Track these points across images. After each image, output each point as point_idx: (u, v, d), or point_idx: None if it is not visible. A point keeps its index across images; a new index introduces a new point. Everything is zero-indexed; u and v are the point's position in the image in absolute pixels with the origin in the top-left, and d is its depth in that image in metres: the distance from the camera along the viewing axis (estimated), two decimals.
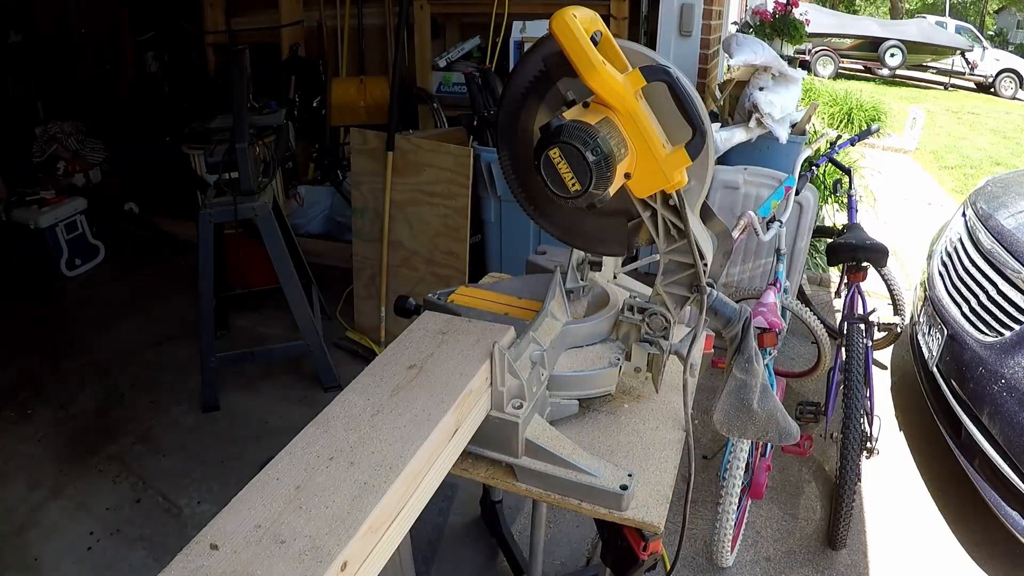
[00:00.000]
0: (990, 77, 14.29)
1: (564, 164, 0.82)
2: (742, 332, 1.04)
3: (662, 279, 1.04)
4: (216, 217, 2.57)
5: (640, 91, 0.88)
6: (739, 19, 5.22)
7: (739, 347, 1.04)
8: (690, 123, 0.87)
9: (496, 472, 1.01)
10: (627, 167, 0.89)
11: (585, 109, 0.87)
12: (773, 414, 1.07)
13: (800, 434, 1.15)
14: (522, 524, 2.16)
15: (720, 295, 1.05)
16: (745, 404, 1.05)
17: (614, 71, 0.85)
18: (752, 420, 1.06)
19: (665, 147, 0.89)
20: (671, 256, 1.01)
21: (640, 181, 0.90)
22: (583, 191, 0.83)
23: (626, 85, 0.85)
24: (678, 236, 0.98)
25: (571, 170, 0.82)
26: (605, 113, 0.86)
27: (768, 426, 1.06)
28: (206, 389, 2.73)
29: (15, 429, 2.60)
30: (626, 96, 0.85)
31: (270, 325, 3.34)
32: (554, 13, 0.83)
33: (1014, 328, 2.08)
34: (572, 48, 0.83)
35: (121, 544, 2.09)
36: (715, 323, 1.06)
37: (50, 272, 3.83)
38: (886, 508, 2.33)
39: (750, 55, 2.93)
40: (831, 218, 4.62)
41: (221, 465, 2.43)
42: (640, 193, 0.93)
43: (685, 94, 0.87)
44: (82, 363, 3.05)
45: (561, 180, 0.83)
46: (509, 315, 1.14)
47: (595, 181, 0.82)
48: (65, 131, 4.50)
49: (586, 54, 0.82)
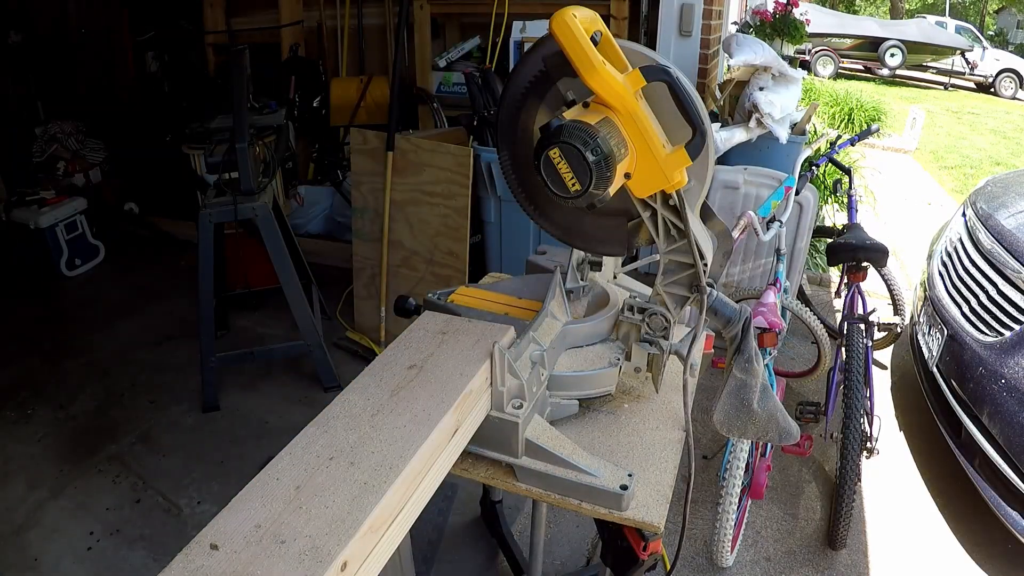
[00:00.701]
0: (990, 77, 14.30)
1: (564, 164, 0.82)
2: (742, 332, 1.04)
3: (662, 279, 1.04)
4: (216, 217, 2.57)
5: (640, 91, 0.88)
6: (739, 19, 5.22)
7: (739, 347, 1.04)
8: (690, 123, 0.87)
9: (496, 472, 1.01)
10: (627, 167, 0.89)
11: (585, 109, 0.87)
12: (773, 414, 1.06)
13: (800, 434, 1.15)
14: (522, 524, 2.16)
15: (720, 295, 1.05)
16: (745, 404, 1.05)
17: (614, 71, 0.85)
18: (752, 420, 1.06)
19: (665, 147, 0.89)
20: (671, 256, 1.01)
21: (640, 181, 0.90)
22: (583, 191, 0.83)
23: (626, 85, 0.85)
24: (678, 236, 0.98)
25: (571, 170, 0.82)
26: (605, 113, 0.86)
27: (768, 426, 1.06)
28: (206, 389, 2.73)
29: (15, 429, 2.60)
30: (626, 96, 0.85)
31: (270, 325, 3.34)
32: (554, 13, 0.83)
33: (1014, 328, 2.08)
34: (572, 48, 0.83)
35: (121, 544, 2.09)
36: (715, 323, 1.06)
37: (50, 272, 3.82)
38: (886, 508, 2.33)
39: (750, 55, 2.93)
40: (831, 218, 4.62)
41: (221, 465, 2.43)
42: (640, 193, 0.93)
43: (685, 94, 0.87)
44: (82, 363, 3.05)
45: (561, 180, 0.84)
46: (509, 315, 1.14)
47: (595, 181, 0.82)
48: (65, 131, 4.49)
49: (586, 54, 0.82)
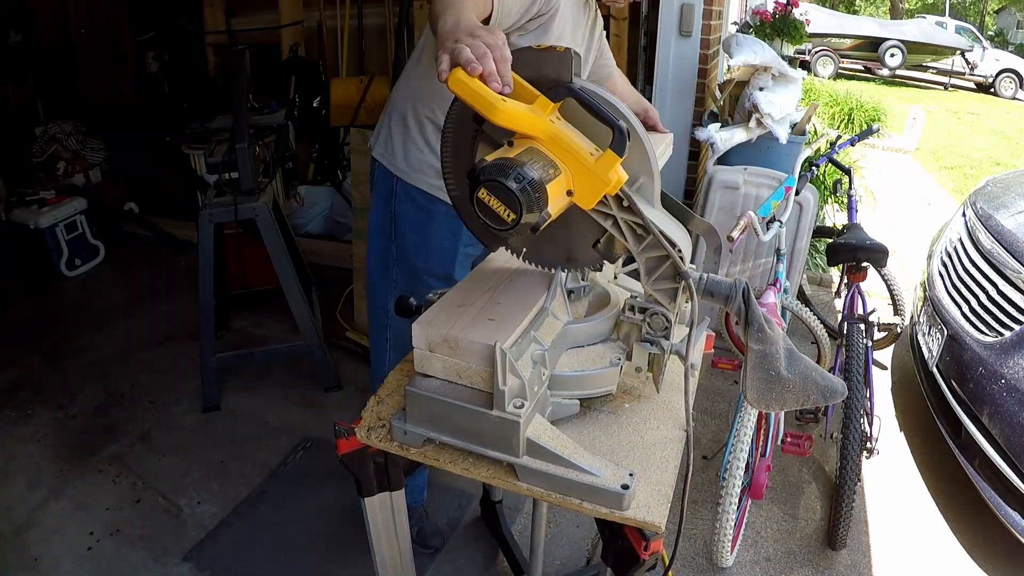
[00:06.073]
0: (990, 77, 14.32)
1: (494, 200, 0.86)
2: (744, 303, 1.00)
3: (647, 279, 1.05)
4: (216, 217, 2.57)
5: (557, 113, 0.94)
6: (739, 19, 5.22)
7: (746, 319, 1.00)
8: (606, 124, 0.91)
9: (497, 472, 1.01)
10: (565, 185, 0.93)
11: (510, 147, 0.92)
12: (808, 375, 1.01)
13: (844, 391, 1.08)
14: (522, 524, 2.16)
15: (711, 276, 1.03)
16: (773, 374, 1.00)
17: (518, 104, 0.90)
18: (787, 388, 1.00)
19: (593, 155, 0.92)
20: (646, 254, 1.03)
21: (582, 193, 0.94)
22: (518, 218, 0.86)
23: (536, 112, 0.91)
24: (645, 233, 1.00)
25: (501, 203, 0.86)
26: (528, 143, 0.91)
27: (807, 389, 1.01)
28: (206, 389, 2.73)
29: (15, 429, 2.60)
30: (538, 122, 0.91)
31: (270, 325, 3.34)
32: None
33: (1014, 328, 2.08)
34: (471, 98, 0.88)
35: (121, 544, 2.09)
36: (717, 303, 1.03)
37: (50, 272, 3.82)
38: (886, 508, 2.33)
39: (750, 55, 2.93)
40: (831, 218, 4.62)
41: (221, 465, 2.43)
42: (587, 205, 0.96)
43: (592, 101, 0.92)
44: (82, 363, 3.05)
45: (496, 215, 0.87)
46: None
47: (525, 206, 0.86)
48: (65, 131, 4.49)
49: (485, 99, 0.87)
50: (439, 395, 0.99)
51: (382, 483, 1.20)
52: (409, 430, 1.03)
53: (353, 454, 1.13)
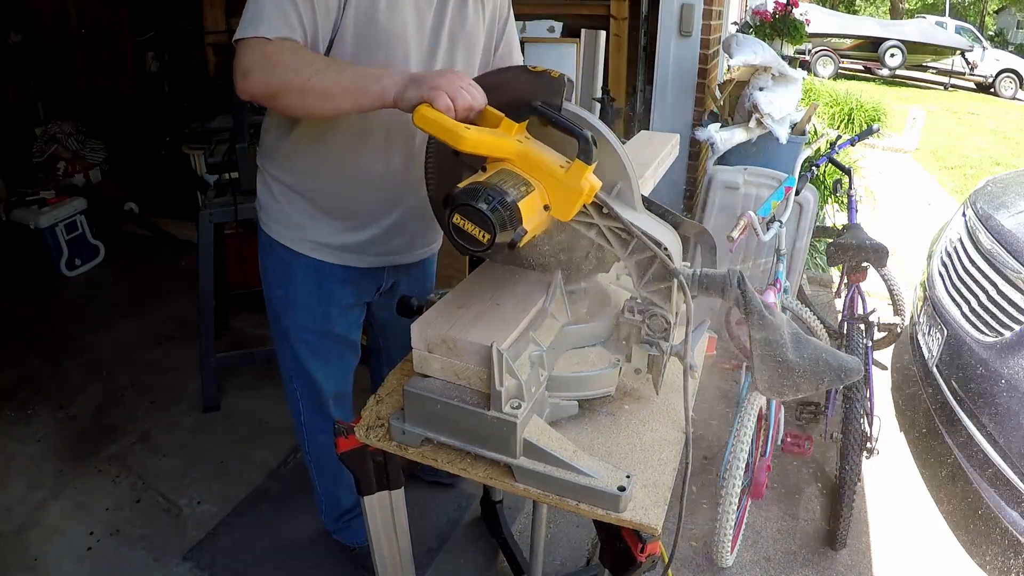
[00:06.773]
0: (990, 77, 14.30)
1: (469, 223, 0.89)
2: (740, 292, 0.99)
3: (639, 282, 1.05)
4: (216, 217, 2.57)
5: (524, 133, 0.97)
6: (739, 19, 5.21)
7: (745, 308, 0.99)
8: (571, 135, 0.93)
9: (495, 472, 1.01)
10: (541, 200, 0.95)
11: (483, 171, 0.94)
12: (818, 357, 0.99)
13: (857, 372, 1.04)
14: (522, 524, 2.16)
15: (704, 270, 1.03)
16: (781, 361, 0.98)
17: (482, 129, 0.94)
18: (798, 374, 0.98)
19: (563, 167, 0.94)
20: (635, 257, 1.03)
21: (559, 206, 0.96)
22: (493, 238, 0.89)
23: (501, 135, 0.94)
24: (629, 236, 1.01)
25: (476, 225, 0.89)
26: (500, 165, 0.94)
27: (820, 372, 0.98)
28: (206, 389, 2.73)
29: (15, 429, 2.60)
30: (505, 144, 0.94)
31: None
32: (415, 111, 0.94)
33: (1014, 328, 2.08)
34: (437, 131, 0.92)
35: (121, 544, 2.09)
36: (714, 296, 1.02)
37: (50, 272, 3.82)
38: (886, 508, 2.33)
39: (750, 55, 2.93)
40: (831, 218, 4.62)
41: (221, 465, 2.43)
42: (565, 216, 0.97)
43: (553, 115, 0.94)
44: (82, 363, 3.05)
45: (472, 237, 0.90)
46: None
47: (498, 225, 0.88)
48: (65, 131, 4.48)
49: (450, 130, 0.91)
50: (437, 395, 0.99)
51: (381, 482, 1.20)
52: (407, 430, 1.03)
53: (352, 452, 1.14)
